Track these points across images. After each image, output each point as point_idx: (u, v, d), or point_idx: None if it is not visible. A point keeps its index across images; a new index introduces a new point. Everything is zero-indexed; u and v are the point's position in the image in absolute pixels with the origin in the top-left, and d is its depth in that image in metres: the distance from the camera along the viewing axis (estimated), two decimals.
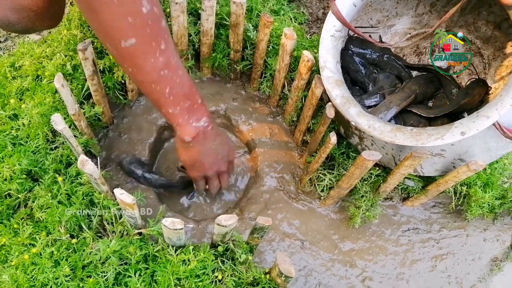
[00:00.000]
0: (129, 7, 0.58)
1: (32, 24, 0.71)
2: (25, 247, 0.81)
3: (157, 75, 0.67)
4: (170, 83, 0.69)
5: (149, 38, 0.63)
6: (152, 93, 0.70)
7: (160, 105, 0.73)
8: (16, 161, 0.89)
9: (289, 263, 0.76)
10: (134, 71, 0.66)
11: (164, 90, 0.69)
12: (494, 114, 0.74)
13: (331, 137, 0.89)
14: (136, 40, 0.61)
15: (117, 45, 0.62)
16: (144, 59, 0.64)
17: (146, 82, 0.68)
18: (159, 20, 0.63)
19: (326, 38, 0.94)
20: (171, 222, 0.70)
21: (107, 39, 0.63)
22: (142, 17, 0.60)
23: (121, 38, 0.61)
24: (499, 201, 1.10)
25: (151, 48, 0.64)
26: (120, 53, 0.64)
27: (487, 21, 1.07)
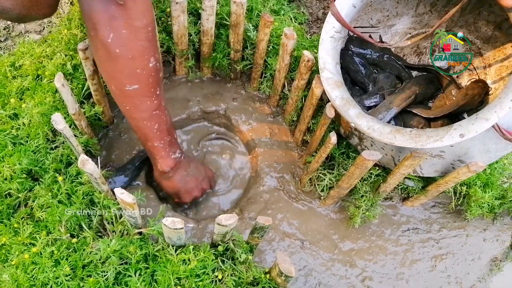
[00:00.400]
0: (140, 62, 0.73)
1: (27, 11, 0.70)
2: (25, 246, 0.81)
3: (149, 114, 0.80)
4: (159, 121, 0.83)
5: (150, 85, 0.77)
6: (142, 129, 0.83)
7: (147, 139, 0.85)
8: (16, 161, 0.89)
9: (289, 263, 0.76)
10: (131, 109, 0.79)
11: (153, 126, 0.82)
12: (493, 116, 0.74)
13: (331, 137, 0.89)
14: (139, 86, 0.76)
15: (122, 88, 0.76)
16: (142, 101, 0.78)
17: (140, 119, 0.81)
18: (159, 72, 0.78)
19: (326, 39, 0.94)
20: (171, 222, 0.70)
21: (114, 82, 0.76)
22: (147, 70, 0.75)
23: (128, 83, 0.75)
24: (498, 201, 1.10)
25: (150, 93, 0.78)
26: (123, 94, 0.77)
27: (487, 21, 1.07)
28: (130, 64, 0.73)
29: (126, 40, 0.70)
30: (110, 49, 0.71)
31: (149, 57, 0.74)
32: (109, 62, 0.73)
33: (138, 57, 0.73)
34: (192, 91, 1.23)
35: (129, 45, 0.71)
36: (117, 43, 0.70)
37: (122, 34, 0.69)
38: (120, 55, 0.71)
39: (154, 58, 0.75)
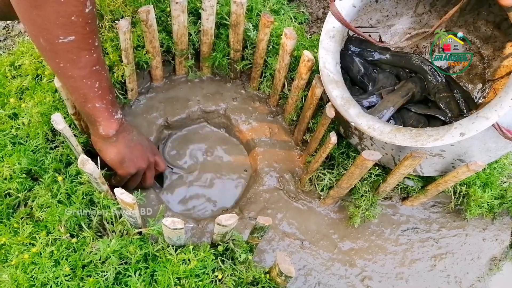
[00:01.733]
0: (74, 6, 0.61)
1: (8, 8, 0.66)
2: (25, 246, 0.81)
3: (89, 71, 0.70)
4: (100, 77, 0.72)
5: (87, 35, 0.66)
6: (80, 88, 0.72)
7: (86, 100, 0.74)
8: (16, 160, 0.89)
9: (289, 263, 0.76)
10: (66, 66, 0.68)
11: (94, 84, 0.72)
12: (494, 115, 0.74)
13: (331, 137, 0.89)
14: (75, 37, 0.64)
15: (54, 40, 0.63)
16: (79, 55, 0.67)
17: (77, 77, 0.70)
18: (96, 19, 0.67)
19: (326, 39, 0.94)
20: (171, 222, 0.70)
21: (43, 35, 0.63)
22: (84, 16, 0.63)
23: (61, 35, 0.63)
24: (498, 201, 1.11)
25: (88, 45, 0.67)
26: (55, 49, 0.65)
27: (486, 21, 1.07)
28: (63, 9, 0.60)
29: None
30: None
31: (85, 1, 0.62)
32: (35, 9, 0.59)
33: (72, 1, 0.60)
34: (192, 91, 1.23)
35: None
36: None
37: None
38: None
39: (90, 1, 0.63)
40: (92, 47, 0.68)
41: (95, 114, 0.77)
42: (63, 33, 0.63)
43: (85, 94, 0.73)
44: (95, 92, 0.73)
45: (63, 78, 0.72)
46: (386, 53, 1.12)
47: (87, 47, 0.67)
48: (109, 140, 0.83)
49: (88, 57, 0.68)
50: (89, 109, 0.77)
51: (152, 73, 1.18)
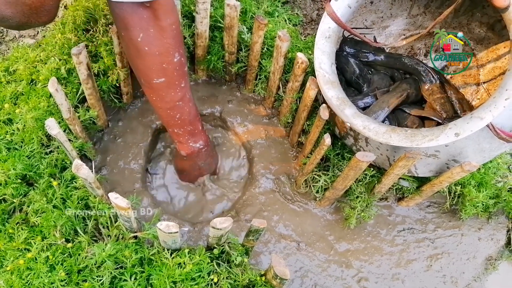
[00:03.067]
0: (166, 57, 0.80)
1: (27, 19, 0.71)
2: (20, 252, 0.81)
3: (173, 105, 0.88)
4: (181, 111, 0.90)
5: (174, 78, 0.84)
6: (165, 117, 0.92)
7: (168, 125, 0.94)
8: (10, 166, 0.89)
9: (284, 265, 0.76)
10: (157, 100, 0.87)
11: (175, 115, 0.90)
12: (488, 115, 0.74)
13: (325, 139, 0.90)
14: (165, 79, 0.83)
15: (150, 81, 0.83)
16: (166, 93, 0.86)
17: (164, 108, 0.89)
18: (184, 66, 0.85)
19: (321, 39, 0.94)
20: (166, 226, 0.70)
21: (144, 76, 0.84)
22: (172, 64, 0.82)
23: (155, 77, 0.82)
24: (493, 200, 1.11)
25: (174, 85, 0.85)
26: (151, 86, 0.85)
27: (480, 22, 1.07)
28: (157, 60, 0.80)
29: (153, 38, 0.77)
30: (140, 47, 0.78)
31: (174, 53, 0.80)
32: (139, 59, 0.80)
33: (164, 53, 0.79)
34: None
35: (156, 42, 0.78)
36: (146, 42, 0.77)
37: (150, 33, 0.76)
38: (149, 52, 0.78)
39: (178, 53, 0.81)
40: (178, 87, 0.86)
41: (173, 136, 0.98)
42: (157, 76, 0.82)
43: (168, 121, 0.93)
44: (175, 121, 0.92)
45: (154, 107, 0.91)
46: (381, 54, 1.13)
47: (173, 87, 0.85)
48: (181, 157, 1.04)
49: (173, 94, 0.86)
50: (170, 132, 0.97)
51: None
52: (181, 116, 0.91)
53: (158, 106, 0.89)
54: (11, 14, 0.70)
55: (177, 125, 0.93)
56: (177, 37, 0.81)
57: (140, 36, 0.77)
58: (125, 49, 0.85)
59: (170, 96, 0.86)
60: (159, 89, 0.85)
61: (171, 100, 0.87)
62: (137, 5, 0.74)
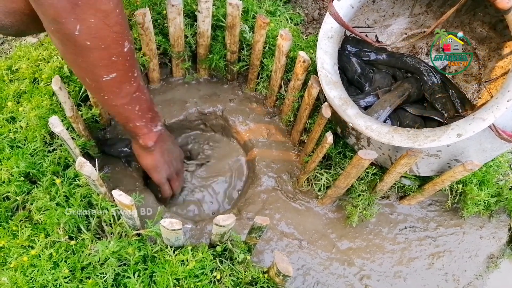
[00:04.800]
0: (114, 49, 0.66)
1: (26, 27, 0.72)
2: (24, 249, 0.82)
3: (130, 98, 0.76)
4: (139, 101, 0.79)
5: (127, 70, 0.72)
6: (123, 113, 0.80)
7: (128, 120, 0.82)
8: (14, 164, 0.89)
9: (287, 262, 0.76)
10: (110, 98, 0.75)
11: (135, 108, 0.79)
12: (490, 116, 0.75)
13: (327, 137, 0.90)
14: (117, 74, 0.70)
15: (98, 79, 0.70)
16: (120, 88, 0.74)
17: (120, 105, 0.77)
18: (134, 53, 0.72)
19: (324, 39, 0.95)
20: (169, 223, 0.70)
21: (88, 76, 0.70)
22: (123, 55, 0.68)
23: (104, 74, 0.69)
24: (494, 199, 1.11)
25: (128, 77, 0.73)
26: (100, 86, 0.72)
27: (482, 22, 1.07)
28: (104, 54, 0.66)
29: (96, 29, 0.62)
30: (80, 42, 0.62)
31: (123, 42, 0.67)
32: (80, 56, 0.65)
33: (112, 45, 0.65)
34: (189, 93, 1.23)
35: (100, 34, 0.63)
36: (87, 35, 0.62)
37: (91, 23, 0.61)
38: (92, 47, 0.64)
39: (127, 41, 0.68)
40: (131, 79, 0.74)
41: (136, 131, 0.85)
42: (106, 72, 0.69)
43: (127, 117, 0.81)
44: (135, 114, 0.81)
45: (107, 107, 0.79)
46: (383, 54, 1.13)
47: (127, 80, 0.73)
48: (147, 149, 0.90)
49: (128, 87, 0.75)
50: (130, 128, 0.84)
51: (149, 75, 1.19)
52: (141, 106, 0.80)
53: (112, 105, 0.77)
54: (10, 23, 0.71)
55: (138, 118, 0.82)
56: (124, 22, 0.66)
57: (77, 28, 0.60)
58: (57, 46, 0.66)
59: (126, 90, 0.74)
60: (111, 86, 0.72)
61: (127, 94, 0.75)
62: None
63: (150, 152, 0.91)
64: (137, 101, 0.78)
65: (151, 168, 0.96)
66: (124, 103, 0.77)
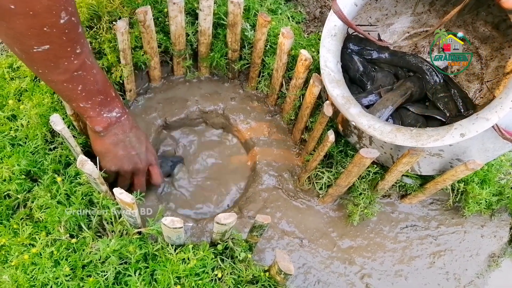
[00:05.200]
0: (46, 19, 0.59)
1: None
2: (25, 247, 0.81)
3: (70, 76, 0.70)
4: (83, 81, 0.72)
5: (65, 44, 0.65)
6: (63, 90, 0.73)
7: (70, 99, 0.76)
8: (15, 162, 0.89)
9: (288, 261, 0.76)
10: (44, 72, 0.68)
11: (77, 87, 0.73)
12: (494, 116, 0.74)
13: (329, 136, 0.90)
14: (50, 46, 0.63)
15: (29, 50, 0.63)
16: (57, 63, 0.66)
17: (58, 82, 0.70)
18: (76, 28, 0.65)
19: (327, 37, 0.94)
20: (170, 221, 0.70)
21: (16, 45, 0.63)
22: (58, 27, 0.61)
23: (34, 45, 0.62)
24: (496, 198, 1.11)
25: (66, 52, 0.66)
26: (30, 57, 0.65)
27: (485, 21, 1.07)
28: (33, 22, 0.58)
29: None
30: (2, 5, 0.55)
31: (59, 12, 0.60)
32: (4, 21, 0.58)
33: (43, 13, 0.58)
34: (190, 91, 1.23)
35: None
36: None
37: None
38: (18, 12, 0.56)
39: (66, 12, 0.60)
40: (72, 55, 0.67)
41: (80, 111, 0.80)
42: (37, 43, 0.62)
43: (68, 95, 0.75)
44: (78, 94, 0.74)
45: (45, 82, 0.74)
46: (385, 52, 1.13)
47: (65, 55, 0.66)
48: (97, 134, 0.85)
49: (67, 64, 0.68)
50: (74, 107, 0.79)
51: (150, 73, 1.19)
52: (85, 87, 0.73)
53: (48, 80, 0.70)
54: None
55: (82, 99, 0.75)
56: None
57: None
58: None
59: (64, 66, 0.67)
60: (45, 59, 0.65)
61: (66, 70, 0.68)
62: None
63: (100, 137, 0.85)
64: (80, 80, 0.71)
65: (99, 154, 0.88)
66: (63, 80, 0.70)
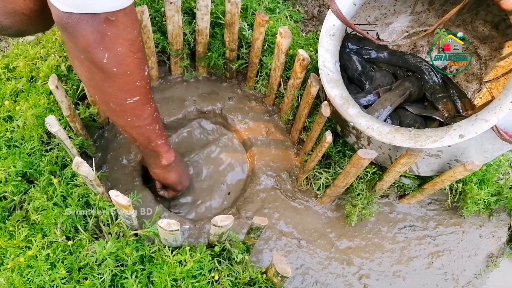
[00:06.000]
0: (137, 74, 0.71)
1: (26, 27, 0.72)
2: (21, 249, 0.81)
3: (151, 118, 0.80)
4: (158, 120, 0.83)
5: (148, 92, 0.76)
6: (145, 133, 0.82)
7: (150, 141, 0.85)
8: (11, 163, 0.89)
9: (285, 263, 0.76)
10: (133, 120, 0.78)
11: (155, 127, 0.83)
12: (493, 117, 0.74)
13: (327, 136, 0.89)
14: (140, 97, 0.74)
15: (123, 103, 0.73)
16: (143, 109, 0.77)
17: (142, 126, 0.80)
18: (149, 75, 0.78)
19: (326, 37, 0.93)
20: (166, 223, 0.70)
21: (113, 100, 0.73)
22: (144, 79, 0.73)
23: (128, 98, 0.73)
24: (494, 198, 1.11)
25: (148, 99, 0.77)
26: (123, 109, 0.75)
27: (484, 21, 1.06)
28: (129, 79, 0.70)
29: (122, 57, 0.66)
30: (107, 70, 0.66)
31: (144, 67, 0.72)
32: (107, 82, 0.69)
33: (136, 70, 0.70)
34: (187, 91, 1.23)
35: (126, 61, 0.67)
36: (114, 62, 0.66)
37: (118, 52, 0.65)
38: (118, 73, 0.68)
39: (146, 65, 0.73)
40: (151, 100, 0.78)
41: (158, 150, 0.88)
42: (130, 96, 0.73)
43: (149, 137, 0.84)
44: (156, 133, 0.84)
45: (130, 129, 0.81)
46: (384, 52, 1.12)
47: (148, 101, 0.77)
48: (169, 167, 0.94)
49: (149, 109, 0.78)
50: (152, 147, 0.87)
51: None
52: (159, 125, 0.84)
53: (135, 126, 0.79)
54: (9, 24, 0.71)
55: (158, 137, 0.85)
56: (144, 48, 0.71)
57: (105, 57, 0.64)
58: (83, 74, 0.70)
59: (148, 111, 0.78)
60: (134, 109, 0.75)
61: (149, 114, 0.79)
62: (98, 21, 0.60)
63: (172, 169, 0.95)
64: (156, 121, 0.82)
65: (178, 183, 1.01)
66: (146, 123, 0.80)
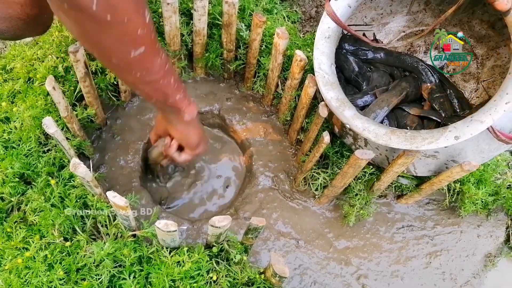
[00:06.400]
0: (138, 20, 0.61)
1: (22, 32, 0.72)
2: (19, 251, 0.81)
3: (164, 71, 0.70)
4: (173, 72, 0.73)
5: (154, 42, 0.66)
6: (160, 89, 0.73)
7: (168, 96, 0.76)
8: (8, 165, 0.88)
9: (283, 263, 0.76)
10: (143, 75, 0.69)
11: (170, 80, 0.73)
12: (488, 119, 0.74)
13: (324, 137, 0.89)
14: (145, 47, 0.65)
15: (127, 57, 0.64)
16: (152, 62, 0.68)
17: (155, 81, 0.71)
18: (152, 21, 0.66)
19: (321, 39, 0.94)
20: (164, 224, 0.70)
21: (115, 55, 0.64)
22: (147, 26, 0.63)
23: (132, 49, 0.64)
24: (492, 197, 1.11)
25: (156, 50, 0.68)
26: (129, 63, 0.66)
27: (481, 20, 1.07)
28: (128, 28, 0.60)
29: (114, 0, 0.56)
30: (99, 18, 0.56)
31: (144, 11, 0.61)
32: (102, 34, 0.59)
33: (135, 17, 0.60)
34: None
35: (120, 6, 0.57)
36: (105, 9, 0.56)
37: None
38: (113, 22, 0.58)
39: (147, 10, 0.62)
40: (160, 50, 0.68)
41: (178, 105, 0.79)
42: (133, 47, 0.63)
43: (165, 92, 0.75)
44: (172, 87, 0.75)
45: (142, 85, 0.72)
46: (381, 52, 1.12)
47: (157, 52, 0.68)
48: (192, 123, 0.85)
49: (159, 60, 0.69)
50: (171, 103, 0.78)
51: None
52: (173, 76, 0.74)
53: (146, 82, 0.70)
54: (6, 28, 0.71)
55: (176, 91, 0.76)
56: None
57: (94, 3, 0.54)
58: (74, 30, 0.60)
59: (158, 64, 0.68)
60: (142, 61, 0.66)
61: (161, 67, 0.69)
62: None
63: (196, 125, 0.87)
64: (170, 73, 0.73)
65: (199, 143, 0.90)
66: (159, 77, 0.71)
